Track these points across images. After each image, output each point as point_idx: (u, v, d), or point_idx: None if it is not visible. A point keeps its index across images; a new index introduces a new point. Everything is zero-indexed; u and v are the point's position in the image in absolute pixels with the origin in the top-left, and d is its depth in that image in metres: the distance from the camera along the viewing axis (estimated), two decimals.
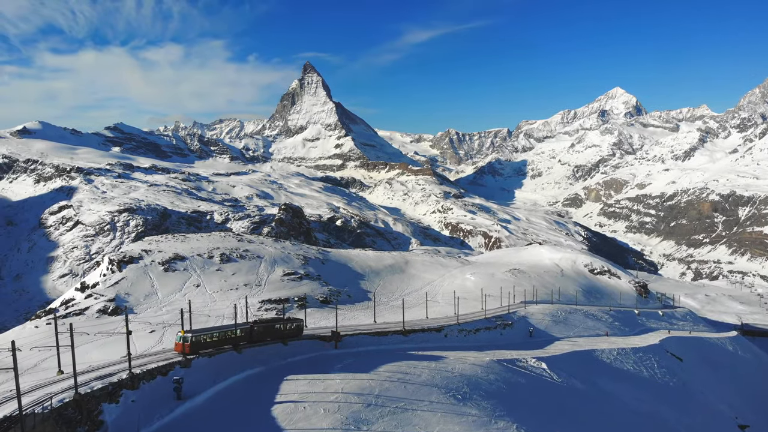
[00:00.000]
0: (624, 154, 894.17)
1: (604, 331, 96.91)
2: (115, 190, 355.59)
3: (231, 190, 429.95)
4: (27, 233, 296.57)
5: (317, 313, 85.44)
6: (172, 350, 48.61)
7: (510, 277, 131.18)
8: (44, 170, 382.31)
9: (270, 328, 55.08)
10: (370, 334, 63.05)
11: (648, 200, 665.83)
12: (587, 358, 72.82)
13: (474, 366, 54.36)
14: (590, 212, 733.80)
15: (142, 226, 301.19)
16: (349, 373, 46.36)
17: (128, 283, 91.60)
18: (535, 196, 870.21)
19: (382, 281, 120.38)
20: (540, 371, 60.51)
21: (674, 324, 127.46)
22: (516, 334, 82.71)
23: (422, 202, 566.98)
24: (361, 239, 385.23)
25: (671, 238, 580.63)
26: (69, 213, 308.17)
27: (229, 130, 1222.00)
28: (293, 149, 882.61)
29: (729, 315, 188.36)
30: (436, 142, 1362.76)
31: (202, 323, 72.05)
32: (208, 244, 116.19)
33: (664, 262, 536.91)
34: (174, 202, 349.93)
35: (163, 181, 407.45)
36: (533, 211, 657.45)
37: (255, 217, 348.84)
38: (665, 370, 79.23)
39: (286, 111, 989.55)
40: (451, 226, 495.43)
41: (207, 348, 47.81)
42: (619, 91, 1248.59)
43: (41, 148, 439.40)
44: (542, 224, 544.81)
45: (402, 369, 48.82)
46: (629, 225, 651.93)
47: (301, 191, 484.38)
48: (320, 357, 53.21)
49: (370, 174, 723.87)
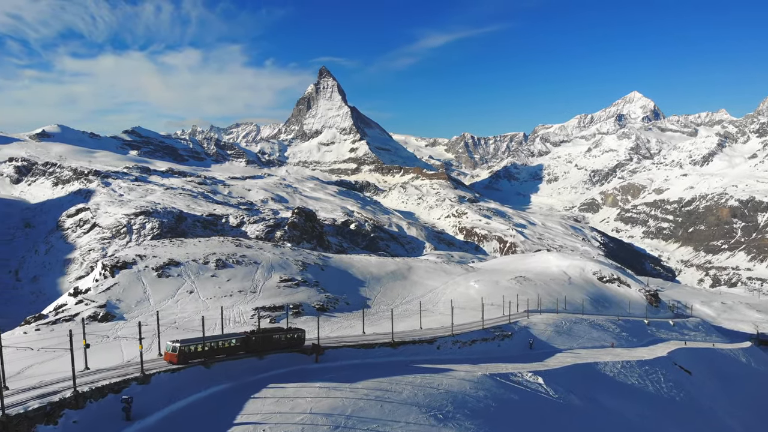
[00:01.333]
0: (641, 159, 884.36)
1: (609, 342, 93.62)
2: (132, 193, 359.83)
3: (246, 194, 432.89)
4: (44, 235, 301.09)
5: (313, 321, 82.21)
6: (159, 359, 47.56)
7: (515, 284, 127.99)
8: (62, 173, 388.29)
9: (268, 338, 53.27)
10: (356, 347, 59.99)
11: (666, 205, 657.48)
12: (589, 372, 69.64)
13: (463, 381, 51.54)
14: (607, 217, 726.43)
15: (158, 229, 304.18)
16: (324, 390, 43.35)
17: (120, 289, 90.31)
18: (551, 200, 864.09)
19: (383, 288, 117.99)
20: (536, 386, 57.67)
21: (686, 335, 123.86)
22: (515, 345, 79.57)
23: (436, 207, 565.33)
24: (374, 243, 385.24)
25: (689, 244, 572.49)
26: (86, 215, 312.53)
27: (246, 134, 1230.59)
28: (308, 153, 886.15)
29: (746, 323, 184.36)
30: (451, 146, 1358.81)
31: (192, 331, 70.53)
32: (205, 250, 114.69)
33: (682, 269, 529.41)
34: (190, 206, 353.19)
35: (180, 184, 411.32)
36: (549, 216, 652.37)
37: (270, 221, 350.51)
38: (672, 384, 75.88)
39: (301, 115, 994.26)
40: (465, 230, 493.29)
41: (198, 358, 46.39)
42: (636, 95, 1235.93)
43: (60, 151, 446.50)
44: (558, 229, 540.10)
45: (383, 385, 45.98)
46: (647, 230, 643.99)
47: (316, 195, 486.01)
48: (297, 372, 50.26)
49: (385, 178, 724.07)
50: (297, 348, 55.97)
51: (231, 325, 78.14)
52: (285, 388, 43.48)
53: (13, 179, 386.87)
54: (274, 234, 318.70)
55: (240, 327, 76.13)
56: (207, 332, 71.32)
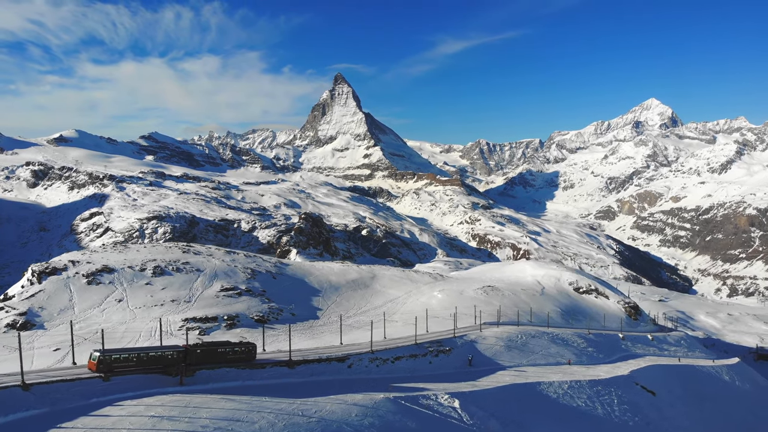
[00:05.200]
0: (659, 166, 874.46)
1: (567, 358, 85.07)
2: (146, 198, 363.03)
3: (260, 199, 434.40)
4: (59, 239, 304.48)
5: (247, 334, 77.76)
6: (76, 368, 46.56)
7: (480, 295, 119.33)
8: (78, 177, 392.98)
9: (211, 351, 50.35)
10: (240, 367, 52.16)
11: (683, 213, 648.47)
12: (526, 393, 62.03)
13: (352, 407, 43.55)
14: (623, 225, 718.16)
15: (170, 233, 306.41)
16: (153, 421, 35.74)
17: (45, 296, 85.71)
18: (567, 208, 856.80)
19: (340, 298, 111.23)
20: (447, 411, 49.91)
21: (665, 350, 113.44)
22: (451, 362, 71.42)
23: (449, 213, 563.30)
24: (386, 249, 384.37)
25: (706, 252, 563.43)
26: (99, 220, 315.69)
27: (262, 140, 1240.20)
28: (323, 159, 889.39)
29: (751, 336, 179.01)
30: (466, 152, 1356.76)
31: (117, 341, 66.32)
32: (147, 255, 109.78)
33: (699, 278, 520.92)
34: (203, 210, 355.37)
35: (194, 189, 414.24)
36: (564, 224, 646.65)
37: (281, 226, 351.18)
38: (627, 407, 67.17)
39: (316, 121, 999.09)
40: (478, 237, 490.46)
41: (124, 368, 44.47)
42: (654, 102, 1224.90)
43: (77, 156, 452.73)
44: (573, 237, 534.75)
45: (237, 414, 38.14)
46: (663, 239, 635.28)
47: (329, 200, 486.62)
48: (146, 396, 41.45)
49: (398, 184, 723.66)
50: (248, 362, 52.72)
51: (155, 337, 73.65)
52: (107, 417, 36.76)
53: (29, 183, 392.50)
54: (281, 239, 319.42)
55: (166, 339, 71.96)
56: (130, 344, 67.09)
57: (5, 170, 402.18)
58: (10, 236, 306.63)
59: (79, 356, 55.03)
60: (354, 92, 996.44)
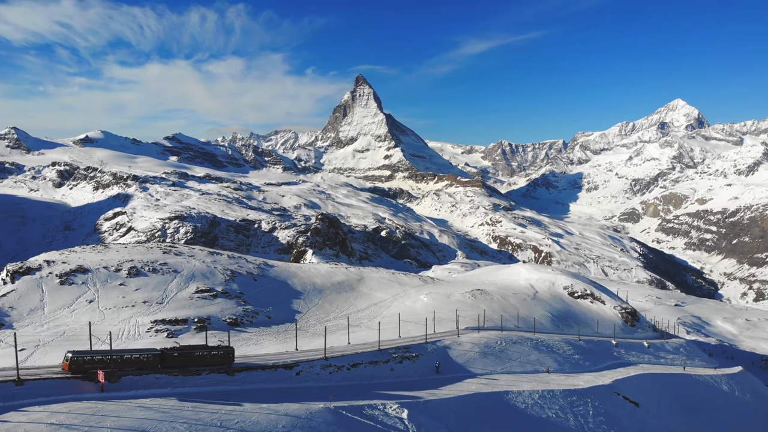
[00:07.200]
0: (684, 168, 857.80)
1: (546, 366, 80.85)
2: (168, 198, 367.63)
3: (280, 200, 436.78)
4: (83, 238, 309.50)
5: (219, 337, 75.13)
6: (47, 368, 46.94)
7: (468, 298, 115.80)
8: (103, 178, 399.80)
9: (188, 355, 50.14)
10: (172, 374, 48.84)
11: (709, 216, 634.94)
12: (492, 403, 58.16)
13: (281, 417, 39.96)
14: (648, 228, 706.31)
15: (192, 233, 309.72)
16: (50, 428, 33.13)
17: (16, 296, 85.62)
18: (590, 209, 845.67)
19: (323, 300, 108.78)
20: (393, 422, 46.01)
21: (661, 358, 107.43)
22: (416, 369, 67.39)
23: (470, 214, 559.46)
24: (405, 251, 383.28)
25: (733, 256, 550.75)
26: (123, 219, 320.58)
27: (284, 141, 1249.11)
28: (343, 160, 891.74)
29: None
30: (488, 153, 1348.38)
31: (82, 344, 64.37)
32: (125, 256, 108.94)
33: (725, 282, 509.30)
34: (224, 211, 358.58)
35: (216, 189, 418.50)
36: (587, 226, 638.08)
37: (301, 227, 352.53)
38: (603, 418, 63.46)
39: (337, 123, 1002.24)
40: (499, 239, 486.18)
41: (96, 370, 44.21)
42: (680, 102, 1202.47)
43: (102, 156, 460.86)
44: (596, 239, 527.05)
45: (143, 424, 35.16)
46: (688, 242, 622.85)
47: (348, 201, 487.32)
48: (58, 402, 38.37)
49: (418, 185, 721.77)
50: (224, 366, 52.00)
51: (123, 339, 72.91)
52: (3, 423, 34.24)
53: (55, 183, 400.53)
54: (299, 240, 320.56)
55: (132, 342, 71.14)
56: (94, 346, 65.79)
57: (32, 170, 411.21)
58: (35, 235, 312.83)
59: (45, 357, 56.48)
60: (375, 93, 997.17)
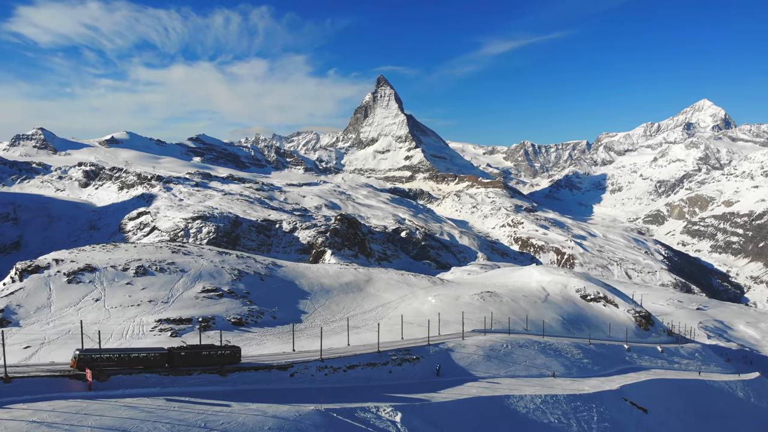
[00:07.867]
0: (710, 170, 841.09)
1: (552, 370, 78.76)
2: (192, 198, 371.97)
3: (301, 200, 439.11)
4: (107, 237, 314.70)
5: (222, 337, 74.73)
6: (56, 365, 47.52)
7: (477, 300, 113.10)
8: (127, 178, 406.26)
9: (196, 354, 50.77)
10: (163, 374, 48.38)
11: (735, 218, 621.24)
12: (491, 407, 56.80)
13: (268, 419, 39.34)
14: (673, 230, 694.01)
15: (214, 233, 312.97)
16: (36, 426, 32.73)
17: (24, 294, 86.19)
18: (614, 211, 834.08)
19: (329, 301, 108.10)
20: (385, 426, 45.24)
21: (675, 363, 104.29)
22: (416, 372, 66.68)
23: (491, 216, 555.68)
24: (425, 251, 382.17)
25: (760, 259, 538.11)
26: (146, 219, 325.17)
27: (306, 142, 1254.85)
28: (364, 161, 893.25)
29: None
30: (510, 154, 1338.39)
31: (87, 342, 64.54)
32: (133, 255, 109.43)
33: (751, 285, 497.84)
34: (246, 211, 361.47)
35: (238, 190, 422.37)
36: (611, 228, 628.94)
37: (321, 227, 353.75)
38: (608, 424, 61.60)
39: (358, 123, 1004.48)
40: (521, 240, 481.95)
41: (103, 368, 45.22)
42: (706, 103, 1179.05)
43: (127, 157, 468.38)
44: (620, 242, 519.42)
45: (125, 423, 34.73)
46: (714, 244, 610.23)
47: (368, 202, 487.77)
48: (44, 400, 38.40)
49: (439, 186, 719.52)
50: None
51: (126, 337, 73.48)
52: None
53: (81, 183, 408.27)
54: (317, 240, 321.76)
55: (136, 340, 71.58)
56: (86, 345, 65.23)
57: (58, 170, 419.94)
58: (61, 234, 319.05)
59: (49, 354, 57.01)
60: (396, 94, 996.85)
